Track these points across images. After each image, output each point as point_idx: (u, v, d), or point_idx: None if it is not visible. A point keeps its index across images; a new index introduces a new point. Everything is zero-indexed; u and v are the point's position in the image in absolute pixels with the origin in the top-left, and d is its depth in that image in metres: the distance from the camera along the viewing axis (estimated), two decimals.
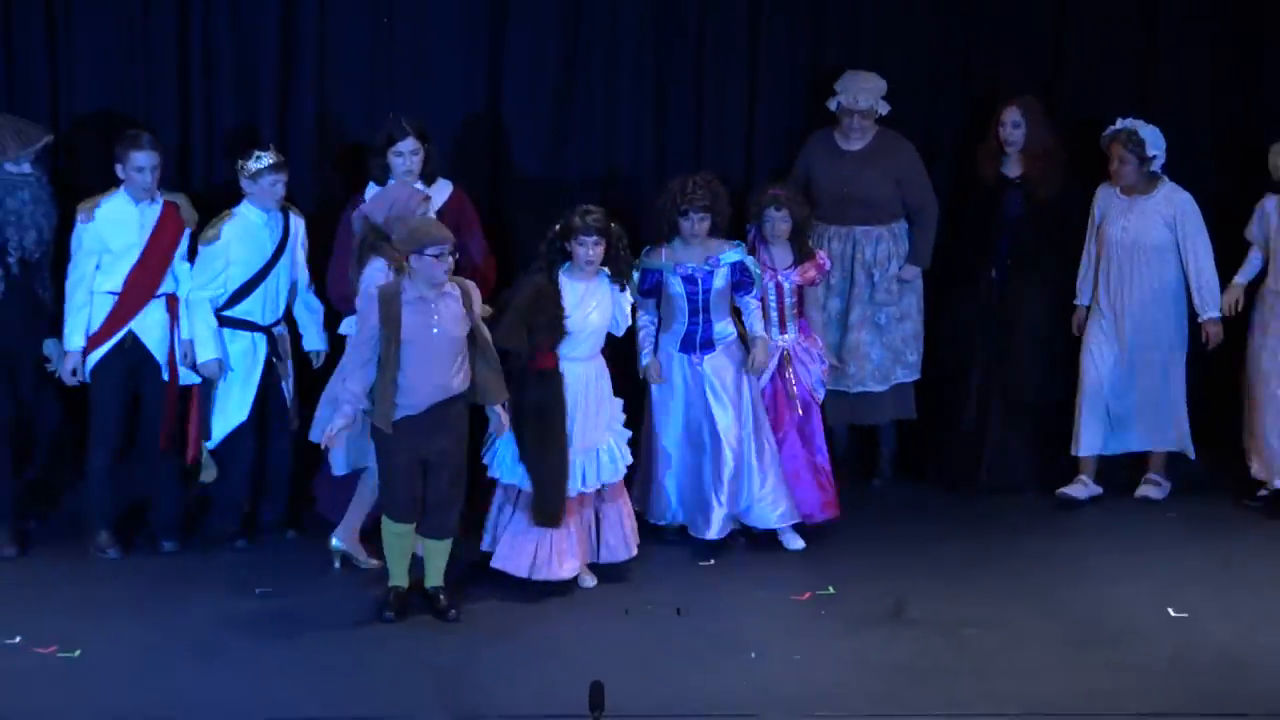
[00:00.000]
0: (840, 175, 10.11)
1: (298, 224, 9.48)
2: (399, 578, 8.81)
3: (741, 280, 9.31)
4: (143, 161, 9.31)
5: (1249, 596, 9.25)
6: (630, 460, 9.20)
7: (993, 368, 10.43)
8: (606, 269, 8.96)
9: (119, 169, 9.37)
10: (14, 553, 9.53)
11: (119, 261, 9.35)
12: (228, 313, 9.31)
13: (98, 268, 9.30)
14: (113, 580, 9.44)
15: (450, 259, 8.50)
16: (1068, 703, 8.18)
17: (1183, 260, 10.20)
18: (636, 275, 9.25)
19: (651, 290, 9.32)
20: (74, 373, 9.21)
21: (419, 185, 9.31)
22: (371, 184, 9.41)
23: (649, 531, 9.65)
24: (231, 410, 9.39)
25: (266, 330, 9.41)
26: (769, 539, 9.79)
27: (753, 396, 9.47)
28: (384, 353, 8.42)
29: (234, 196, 9.68)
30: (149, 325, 9.37)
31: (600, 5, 10.65)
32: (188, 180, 10.21)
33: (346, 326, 9.23)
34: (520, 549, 8.98)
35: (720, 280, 9.28)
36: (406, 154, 9.30)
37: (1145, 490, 10.41)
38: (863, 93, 10.01)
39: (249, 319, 9.33)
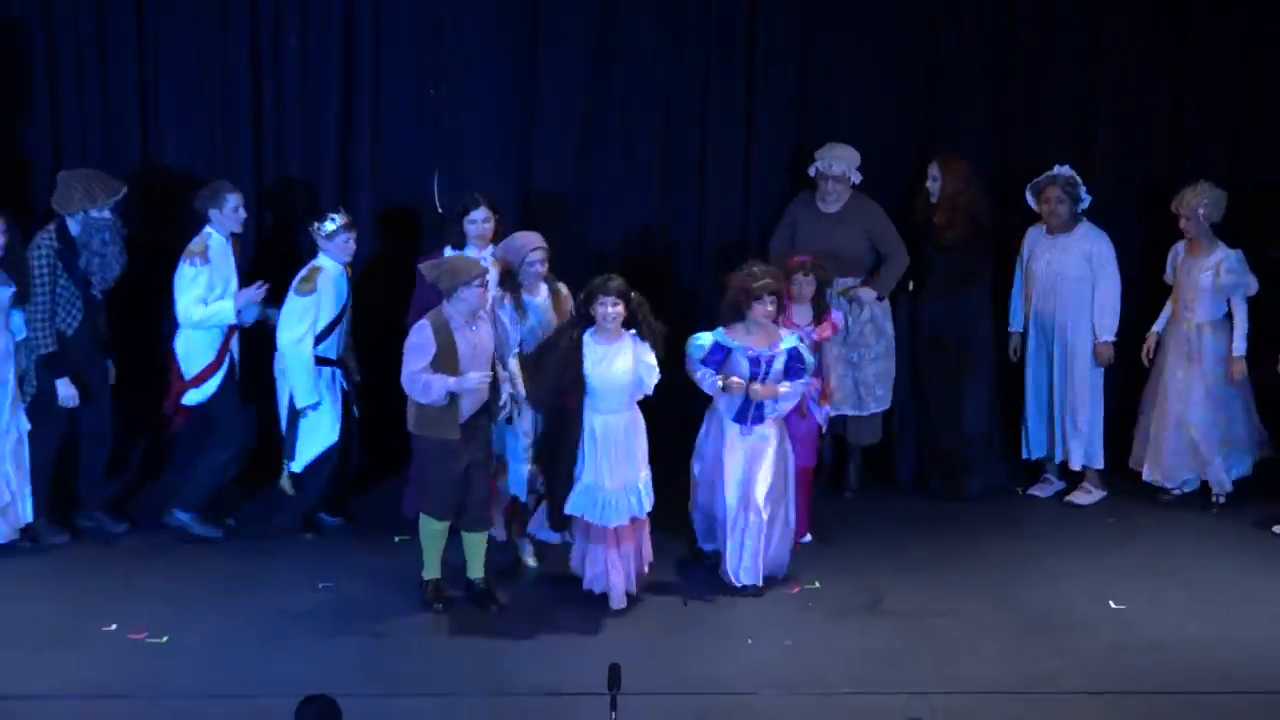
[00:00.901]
0: (818, 233, 10.61)
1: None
2: (433, 569, 9.41)
3: (793, 365, 9.56)
4: (236, 201, 10.12)
5: (1178, 591, 9.70)
6: (653, 501, 9.49)
7: (938, 389, 11.02)
8: (635, 331, 9.34)
9: (214, 213, 10.09)
10: (65, 539, 10.17)
11: (226, 295, 10.14)
12: (315, 351, 9.94)
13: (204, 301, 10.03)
14: (191, 574, 9.86)
15: (484, 288, 9.19)
16: (1020, 683, 8.72)
17: (1094, 289, 10.77)
18: (699, 345, 9.50)
19: (715, 363, 9.48)
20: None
21: (490, 249, 9.81)
22: (449, 247, 9.94)
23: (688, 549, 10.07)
24: (322, 435, 10.04)
25: (340, 363, 10.11)
26: None
27: (788, 469, 9.77)
28: (442, 373, 9.07)
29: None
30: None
31: (617, 100, 11.25)
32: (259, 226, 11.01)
33: None
34: (588, 564, 9.53)
35: (779, 363, 9.53)
36: (479, 222, 9.84)
37: (1074, 496, 10.94)
38: (837, 161, 10.61)
39: (328, 356, 10.00)
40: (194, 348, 10.18)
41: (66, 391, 9.97)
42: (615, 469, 9.37)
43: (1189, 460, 10.74)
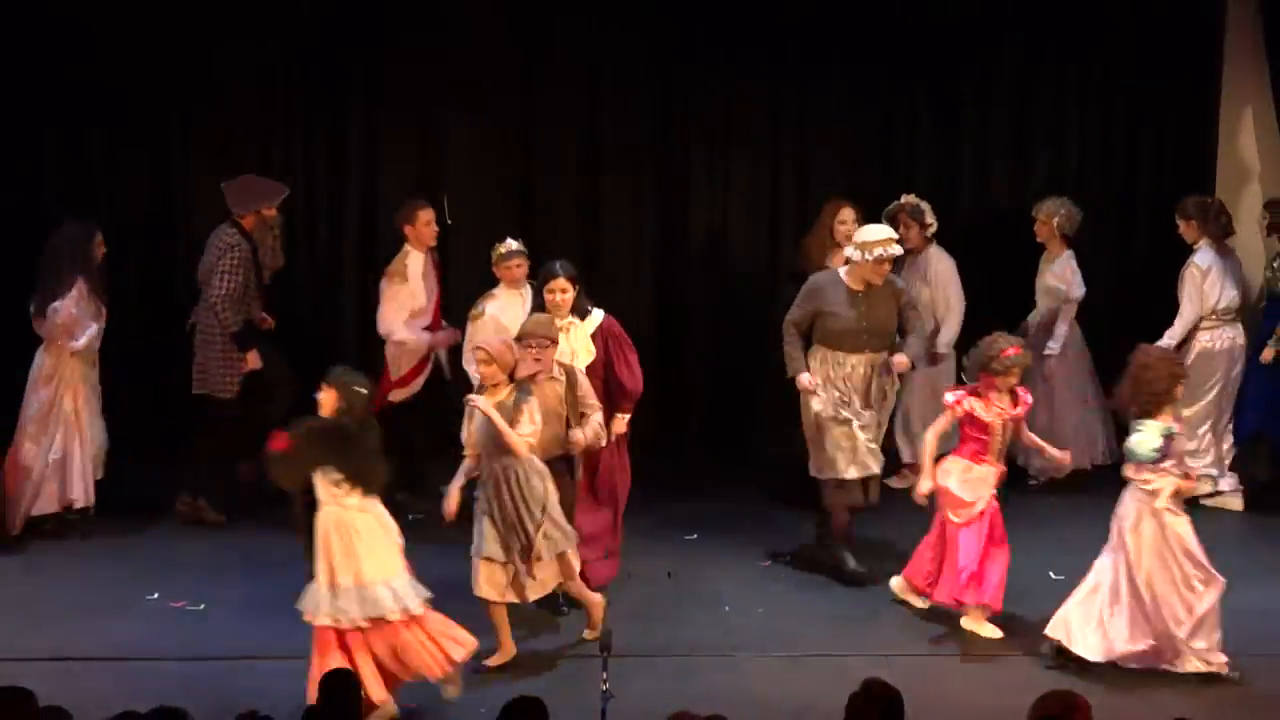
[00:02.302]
0: (858, 312, 9.94)
1: (528, 293, 10.14)
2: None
3: None
4: (429, 216, 10.79)
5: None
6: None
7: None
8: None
9: (409, 230, 10.77)
10: (222, 520, 10.65)
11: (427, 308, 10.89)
12: None
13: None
14: (223, 550, 10.33)
15: (540, 351, 9.08)
16: (971, 646, 9.26)
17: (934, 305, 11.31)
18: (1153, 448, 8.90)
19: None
20: None
21: (572, 318, 9.73)
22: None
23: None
24: None
25: None
26: None
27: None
28: None
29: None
30: None
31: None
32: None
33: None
34: None
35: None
36: (558, 292, 9.72)
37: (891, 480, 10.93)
38: (879, 245, 9.89)
39: None
40: (403, 352, 10.87)
41: (257, 361, 10.65)
42: None
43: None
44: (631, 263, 12.41)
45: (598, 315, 9.85)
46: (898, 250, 10.07)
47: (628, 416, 9.82)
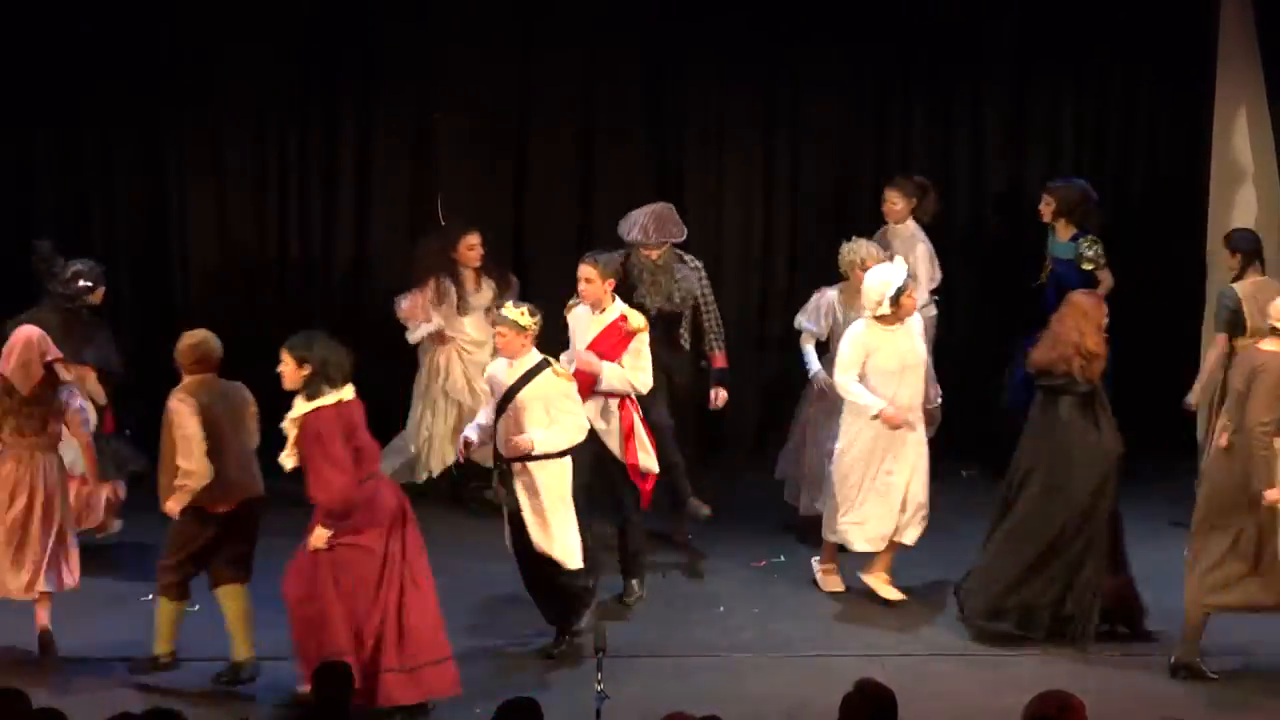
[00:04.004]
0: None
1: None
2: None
3: None
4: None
5: None
6: None
7: None
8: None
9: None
10: (709, 512, 10.32)
11: None
12: None
13: None
14: None
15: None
16: (961, 647, 9.31)
17: None
18: None
19: None
20: None
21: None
22: None
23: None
24: None
25: None
26: None
27: None
28: None
29: None
30: None
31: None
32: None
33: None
34: None
35: None
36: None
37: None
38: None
39: None
40: None
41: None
42: None
43: None
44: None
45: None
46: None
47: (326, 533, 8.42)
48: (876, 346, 9.70)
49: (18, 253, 10.81)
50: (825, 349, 10.48)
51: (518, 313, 8.93)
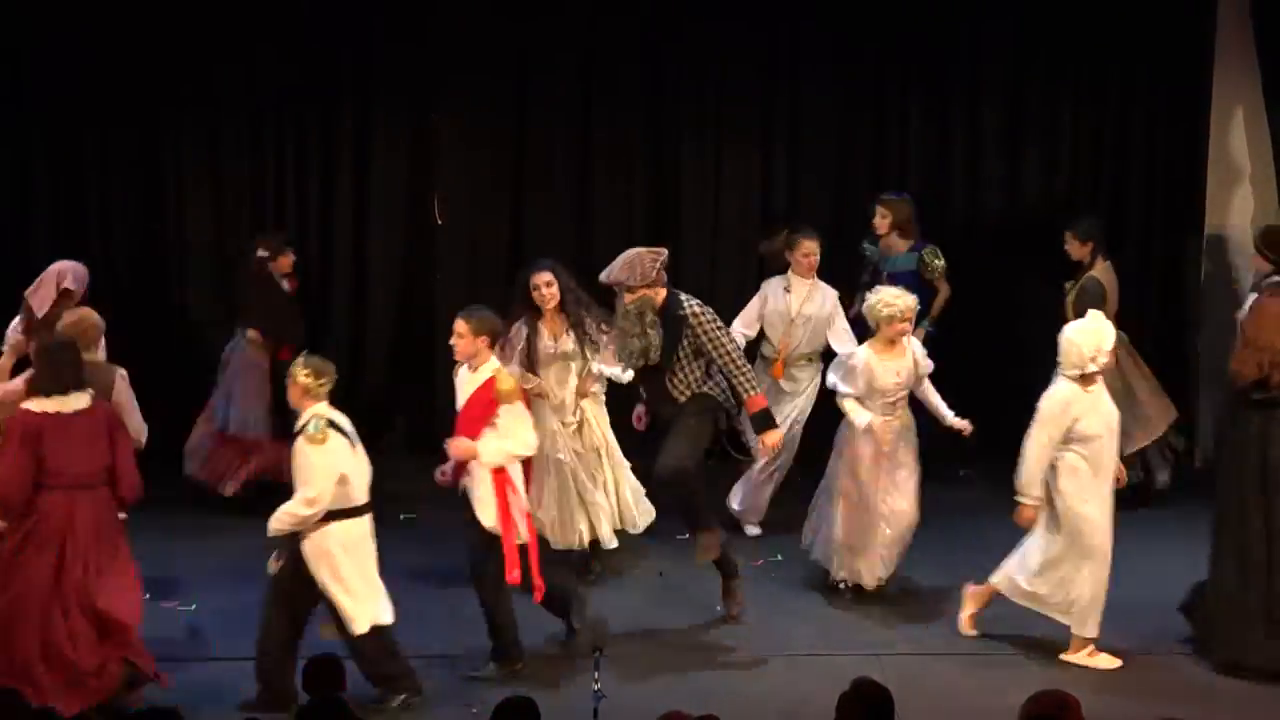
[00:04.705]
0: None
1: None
2: None
3: None
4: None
5: None
6: None
7: None
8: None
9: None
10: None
11: None
12: None
13: None
14: (216, 552, 10.28)
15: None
16: (961, 646, 9.27)
17: None
18: None
19: None
20: None
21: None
22: None
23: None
24: None
25: None
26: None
27: None
28: None
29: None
30: None
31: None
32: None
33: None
34: None
35: None
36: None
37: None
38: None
39: None
40: None
41: None
42: None
43: None
44: None
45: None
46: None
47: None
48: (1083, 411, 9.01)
49: (17, 253, 10.80)
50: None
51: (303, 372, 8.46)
